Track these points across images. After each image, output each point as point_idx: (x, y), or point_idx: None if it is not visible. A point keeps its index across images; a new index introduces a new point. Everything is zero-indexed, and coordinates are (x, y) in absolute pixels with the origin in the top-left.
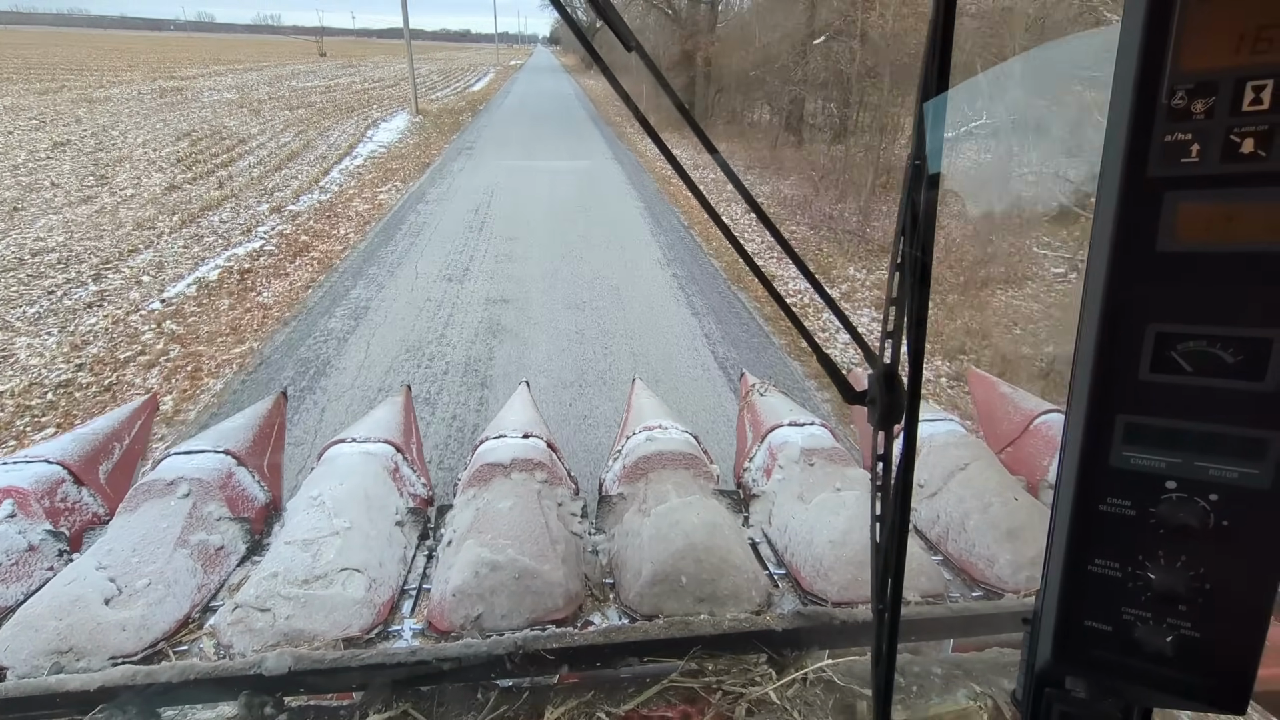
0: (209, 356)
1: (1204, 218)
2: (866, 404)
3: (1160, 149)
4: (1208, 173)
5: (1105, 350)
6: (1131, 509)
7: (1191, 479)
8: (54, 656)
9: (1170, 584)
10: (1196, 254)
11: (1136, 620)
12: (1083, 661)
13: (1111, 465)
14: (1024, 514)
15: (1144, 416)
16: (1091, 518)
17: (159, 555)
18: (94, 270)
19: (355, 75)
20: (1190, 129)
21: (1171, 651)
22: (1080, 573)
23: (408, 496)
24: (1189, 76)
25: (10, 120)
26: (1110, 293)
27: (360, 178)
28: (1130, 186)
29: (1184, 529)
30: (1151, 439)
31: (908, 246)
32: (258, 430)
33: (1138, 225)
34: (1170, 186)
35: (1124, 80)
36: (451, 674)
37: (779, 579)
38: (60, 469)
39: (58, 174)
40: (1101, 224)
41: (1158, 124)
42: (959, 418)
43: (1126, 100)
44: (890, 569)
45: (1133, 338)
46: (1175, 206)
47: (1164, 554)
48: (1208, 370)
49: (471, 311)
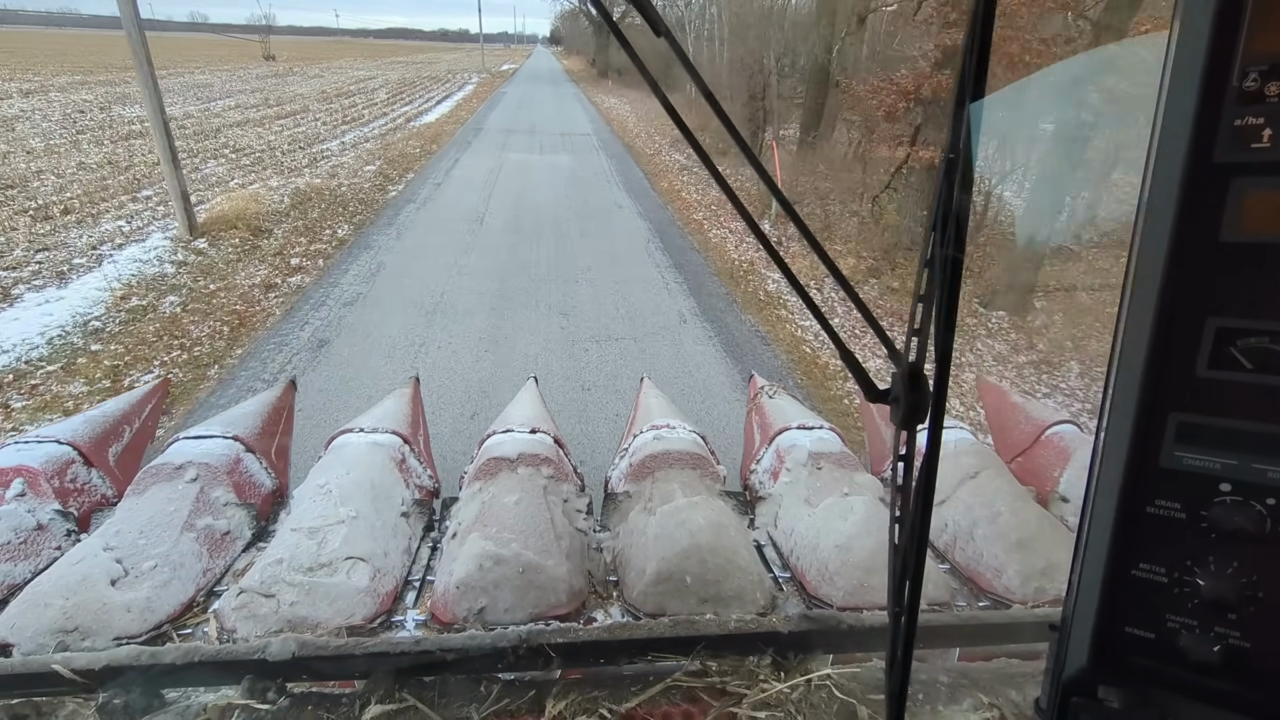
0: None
1: (1273, 206)
2: (890, 402)
3: (1229, 133)
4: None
5: (1158, 345)
6: (1181, 512)
7: (1248, 482)
8: (59, 635)
9: (1220, 591)
10: (1263, 245)
11: (1182, 628)
12: (1121, 669)
13: (1162, 466)
14: (1034, 525)
15: (1199, 415)
16: (1137, 520)
17: (166, 538)
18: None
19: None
20: (1262, 112)
21: (1218, 661)
22: (1122, 577)
23: (414, 488)
24: (1262, 58)
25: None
26: (1167, 284)
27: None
28: (1193, 173)
29: (1238, 534)
30: (1206, 439)
31: (938, 243)
32: (266, 417)
33: (1200, 214)
34: (1238, 173)
35: (1188, 63)
36: (454, 665)
37: (784, 582)
38: (71, 450)
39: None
40: (1157, 212)
41: (1227, 107)
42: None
43: (1192, 83)
44: (909, 571)
45: (1190, 332)
46: (1242, 194)
47: (1215, 559)
48: (1271, 367)
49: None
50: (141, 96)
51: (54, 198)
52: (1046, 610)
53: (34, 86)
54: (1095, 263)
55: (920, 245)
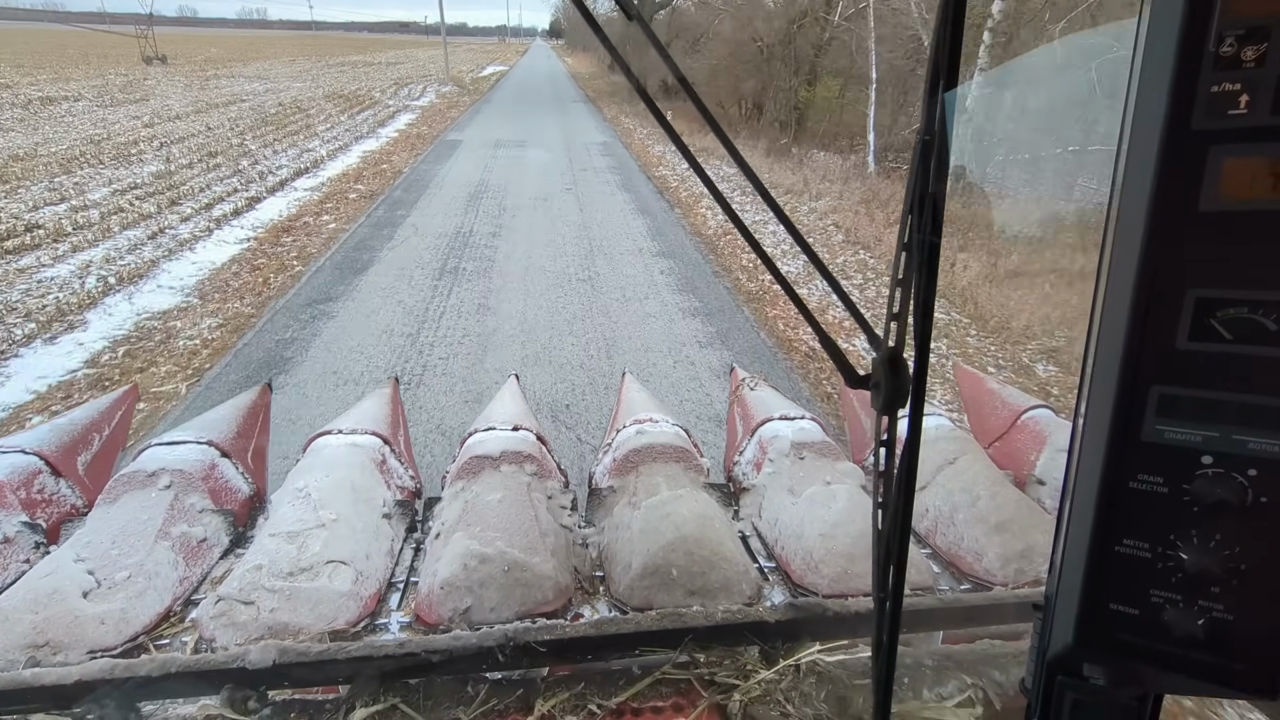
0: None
1: (1251, 173)
2: (870, 388)
3: (1206, 100)
4: (1257, 124)
5: (1139, 317)
6: (1164, 486)
7: (1229, 453)
8: (30, 650)
9: (1203, 564)
10: (1242, 213)
11: (1166, 603)
12: (1106, 646)
13: (1143, 440)
14: (1012, 508)
15: (1180, 388)
16: (1120, 495)
17: (139, 547)
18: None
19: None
20: (1239, 78)
21: (1203, 635)
22: (1106, 553)
23: (395, 489)
24: (1239, 21)
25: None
26: (1147, 255)
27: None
28: (1171, 140)
29: (1220, 506)
30: (1187, 411)
31: (915, 227)
32: (241, 421)
33: (1179, 182)
34: (1216, 140)
35: (1163, 27)
36: (440, 666)
37: (769, 572)
38: (37, 459)
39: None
40: (1134, 182)
41: (1204, 73)
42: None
43: (1168, 48)
44: (893, 556)
45: (1170, 304)
46: (1220, 162)
47: (1197, 533)
48: (1250, 338)
49: None
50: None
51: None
52: (1027, 591)
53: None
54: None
55: (899, 230)
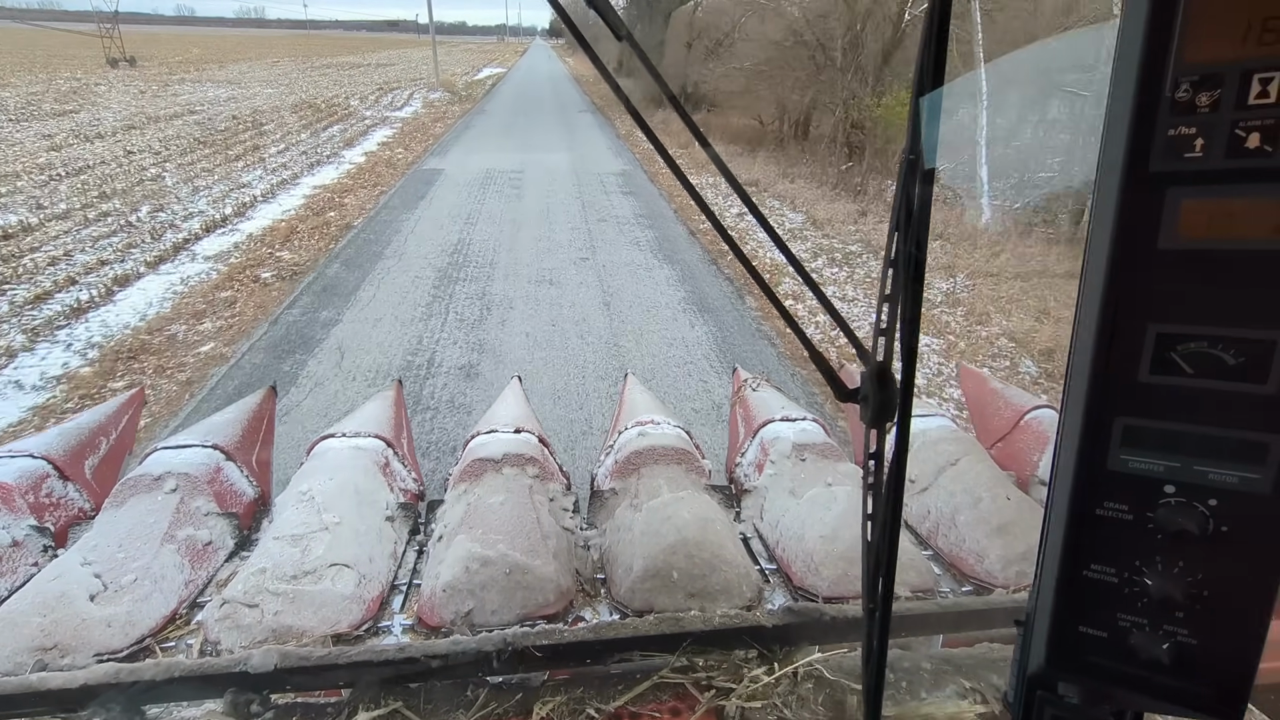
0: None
1: (1207, 214)
2: (859, 401)
3: (1163, 143)
4: (1211, 167)
5: (1103, 351)
6: (1129, 513)
7: (1191, 483)
8: (38, 654)
9: (1167, 590)
10: (1199, 251)
11: (1133, 626)
12: (1077, 667)
13: (1109, 469)
14: (1014, 510)
15: (1143, 419)
16: (1088, 522)
17: (145, 551)
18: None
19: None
20: (1194, 123)
21: (1168, 659)
22: (1076, 577)
23: (398, 491)
24: (1193, 68)
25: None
26: (1110, 291)
27: None
28: (1131, 182)
29: (1182, 534)
30: (1150, 442)
31: (901, 242)
32: (246, 425)
33: (1139, 222)
34: (1173, 182)
35: (1125, 72)
36: (440, 671)
37: (770, 574)
38: (45, 464)
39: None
40: (1100, 220)
41: (1160, 117)
42: (950, 413)
43: (1128, 93)
44: (882, 567)
45: (1133, 338)
46: (1178, 203)
47: (1161, 560)
48: (1209, 372)
49: None
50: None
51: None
52: (1026, 595)
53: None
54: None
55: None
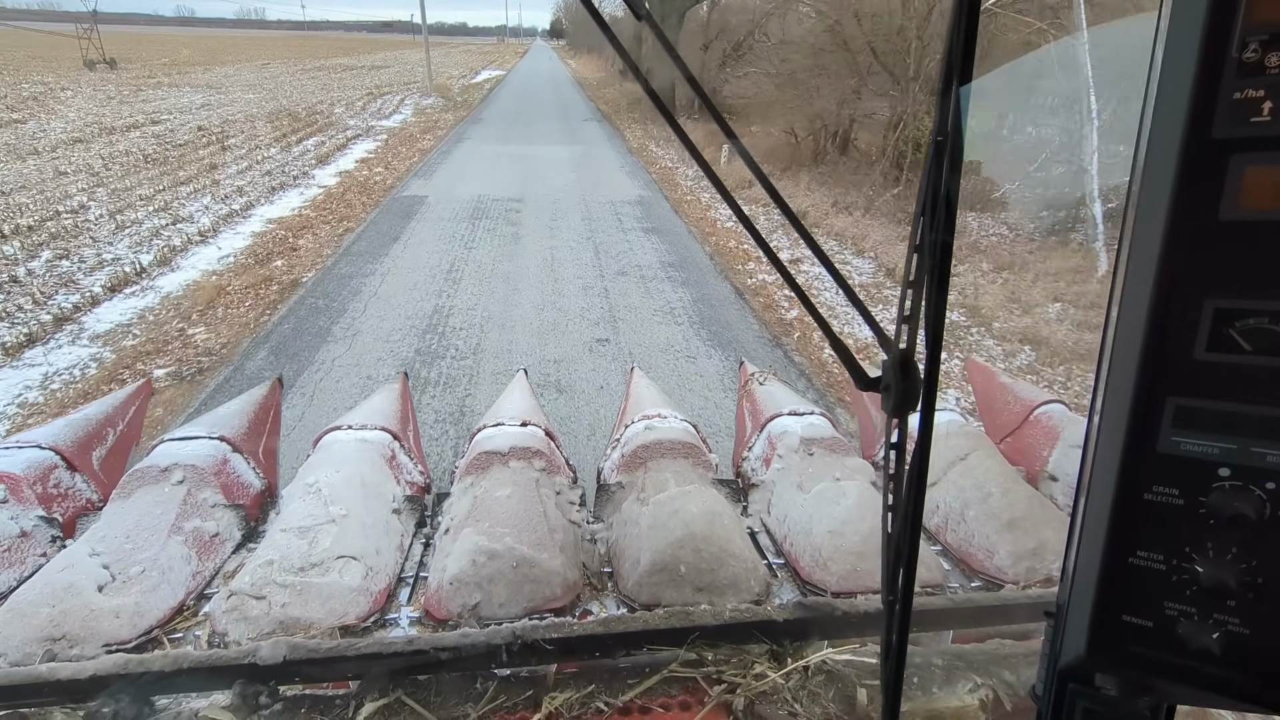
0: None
1: (1273, 183)
2: (880, 390)
3: (1228, 107)
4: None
5: (1155, 327)
6: (1179, 498)
7: (1247, 466)
8: (46, 644)
9: (1219, 578)
10: (1262, 223)
11: (1180, 615)
12: (1118, 658)
13: (1159, 451)
14: (1024, 505)
15: (1197, 399)
16: (1134, 507)
17: (153, 542)
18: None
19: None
20: (1263, 85)
21: (1218, 649)
22: (1119, 565)
23: (405, 484)
24: (1263, 27)
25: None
26: (1165, 264)
27: None
28: (1192, 148)
29: (1237, 519)
30: (1204, 423)
31: (927, 228)
32: (253, 416)
33: (1199, 191)
34: (1237, 149)
35: (1186, 32)
36: (449, 663)
37: (778, 569)
38: (53, 454)
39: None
40: (1151, 189)
41: (1226, 79)
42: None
43: (1190, 54)
44: (903, 559)
45: (1188, 313)
46: (1242, 170)
47: (1213, 546)
48: (1271, 349)
49: None
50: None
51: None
52: (1039, 590)
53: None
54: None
55: (910, 230)
